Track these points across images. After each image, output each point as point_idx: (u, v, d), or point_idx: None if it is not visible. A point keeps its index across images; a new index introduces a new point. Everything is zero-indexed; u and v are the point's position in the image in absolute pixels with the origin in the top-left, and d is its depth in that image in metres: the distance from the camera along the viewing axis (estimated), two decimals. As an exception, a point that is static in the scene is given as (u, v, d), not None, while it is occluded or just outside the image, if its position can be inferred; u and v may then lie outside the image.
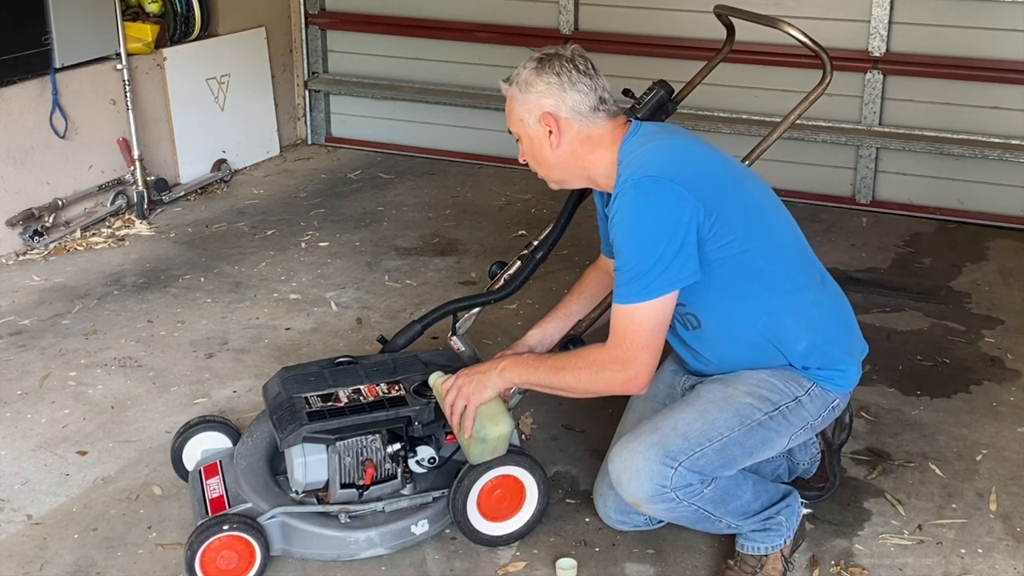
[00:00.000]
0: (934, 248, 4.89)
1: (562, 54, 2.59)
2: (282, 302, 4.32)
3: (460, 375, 2.69)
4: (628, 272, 2.45)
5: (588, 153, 2.59)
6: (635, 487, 2.50)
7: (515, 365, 2.64)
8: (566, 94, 2.55)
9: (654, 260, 2.42)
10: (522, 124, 2.60)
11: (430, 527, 2.80)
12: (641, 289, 2.43)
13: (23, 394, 3.60)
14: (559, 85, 2.55)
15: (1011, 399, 3.58)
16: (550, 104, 2.55)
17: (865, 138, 5.27)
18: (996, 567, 2.77)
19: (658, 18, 5.53)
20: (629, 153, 2.54)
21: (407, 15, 6.12)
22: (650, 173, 2.45)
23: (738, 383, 2.60)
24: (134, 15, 5.35)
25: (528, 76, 2.57)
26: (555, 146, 2.58)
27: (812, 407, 2.63)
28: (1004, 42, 4.99)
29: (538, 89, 2.55)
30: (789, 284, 2.61)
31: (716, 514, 2.56)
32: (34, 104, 4.83)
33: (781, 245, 2.63)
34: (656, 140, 2.57)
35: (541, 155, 2.62)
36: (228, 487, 2.81)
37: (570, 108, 2.56)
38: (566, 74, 2.55)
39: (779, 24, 3.08)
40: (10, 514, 2.98)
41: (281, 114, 6.28)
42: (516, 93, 2.60)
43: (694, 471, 2.48)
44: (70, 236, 4.94)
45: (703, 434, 2.51)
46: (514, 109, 2.61)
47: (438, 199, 5.54)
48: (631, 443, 2.52)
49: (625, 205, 2.46)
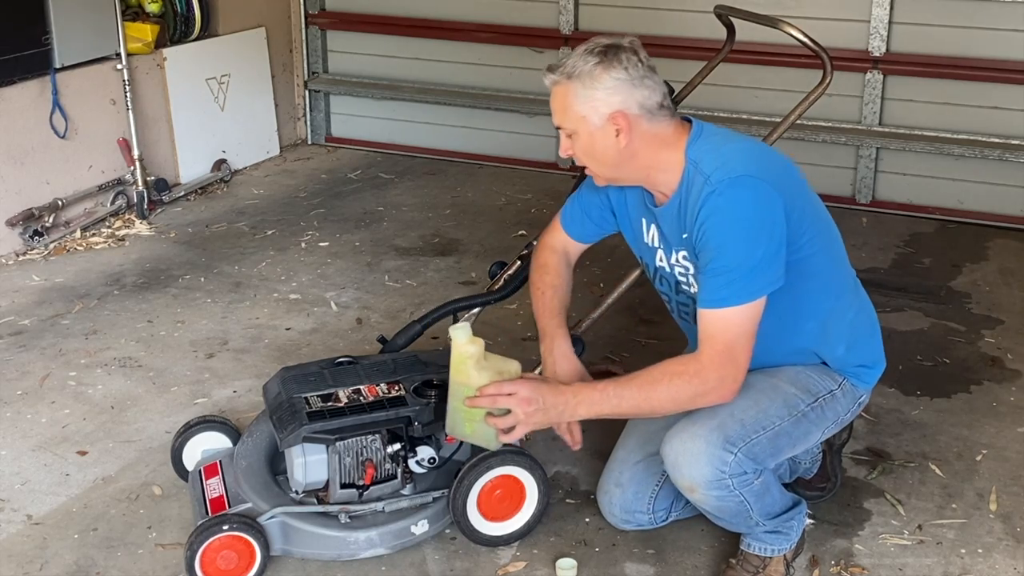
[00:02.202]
0: (934, 248, 4.89)
1: (625, 46, 2.42)
2: (282, 302, 4.32)
3: (532, 389, 2.49)
4: (728, 274, 2.36)
5: (655, 153, 2.46)
6: (695, 471, 2.46)
7: (591, 402, 2.47)
8: (636, 91, 2.40)
9: (755, 260, 2.36)
10: (583, 121, 2.43)
11: (430, 527, 2.80)
12: (742, 291, 2.36)
13: (23, 394, 3.61)
14: (628, 81, 2.39)
15: (1011, 399, 3.58)
16: (619, 101, 2.40)
17: (865, 138, 5.27)
18: (996, 567, 2.77)
19: (658, 18, 5.53)
20: (708, 153, 2.44)
21: (407, 15, 6.12)
22: (747, 173, 2.38)
23: (780, 374, 2.59)
24: (134, 15, 5.35)
25: (593, 70, 2.39)
26: (623, 145, 2.43)
27: (844, 402, 2.65)
28: (1004, 42, 4.99)
29: (606, 85, 2.39)
30: (838, 288, 2.63)
31: (754, 508, 2.54)
32: (34, 104, 4.83)
33: (836, 249, 2.64)
34: (735, 142, 2.49)
35: (604, 153, 2.46)
36: (228, 487, 2.81)
37: (639, 105, 2.41)
38: (634, 68, 2.40)
39: (779, 24, 3.08)
40: (10, 514, 2.98)
41: (281, 114, 6.28)
42: (577, 88, 2.41)
43: (750, 458, 2.46)
44: (70, 236, 4.94)
45: (757, 422, 2.49)
46: (573, 105, 2.42)
47: (438, 199, 5.54)
48: (690, 427, 2.47)
49: (724, 205, 2.36)
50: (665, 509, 2.81)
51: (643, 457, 2.78)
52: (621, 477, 2.81)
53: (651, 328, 4.05)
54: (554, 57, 5.81)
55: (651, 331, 4.03)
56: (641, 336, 4.00)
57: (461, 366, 2.55)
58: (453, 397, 2.59)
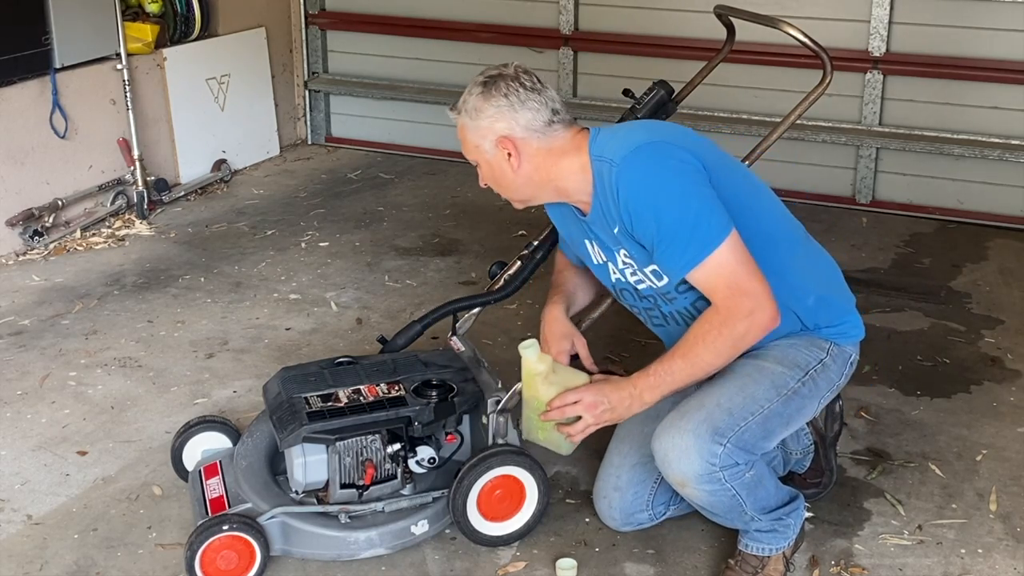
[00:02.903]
0: (934, 248, 4.89)
1: (505, 74, 2.54)
2: (282, 302, 4.32)
3: (595, 393, 2.57)
4: (680, 238, 2.40)
5: (553, 165, 2.55)
6: (685, 465, 2.47)
7: (650, 387, 2.53)
8: (517, 114, 2.51)
9: (696, 211, 2.40)
10: (478, 151, 2.57)
11: (430, 527, 2.80)
12: (704, 240, 2.40)
13: (23, 394, 3.61)
14: (509, 106, 2.50)
15: (1011, 399, 3.58)
16: (503, 127, 2.52)
17: (865, 138, 5.27)
18: (996, 567, 2.77)
19: (658, 18, 5.53)
20: (607, 142, 2.52)
21: (407, 15, 6.12)
22: (644, 141, 2.45)
23: (766, 354, 2.59)
24: (134, 15, 5.35)
25: (476, 102, 2.53)
26: (516, 168, 2.54)
27: (835, 367, 2.65)
28: (1004, 42, 4.99)
29: (488, 114, 2.52)
30: (785, 240, 2.63)
31: (747, 502, 2.54)
32: (34, 104, 4.83)
33: (768, 202, 2.65)
34: (628, 124, 2.57)
35: (503, 178, 2.59)
36: (228, 487, 2.81)
37: (524, 127, 2.52)
38: (514, 94, 2.51)
39: (779, 24, 3.09)
40: (10, 514, 2.98)
41: (281, 114, 6.28)
42: (467, 121, 2.56)
43: (740, 448, 2.47)
44: (70, 236, 4.94)
45: (745, 408, 2.50)
46: (467, 137, 2.58)
47: (438, 199, 5.54)
48: (678, 422, 2.49)
49: (637, 176, 2.42)
50: (664, 504, 2.81)
51: (639, 459, 2.78)
52: (619, 481, 2.81)
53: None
54: (554, 57, 5.82)
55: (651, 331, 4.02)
56: (641, 336, 4.00)
57: (531, 382, 2.63)
58: (527, 407, 2.68)
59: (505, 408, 2.81)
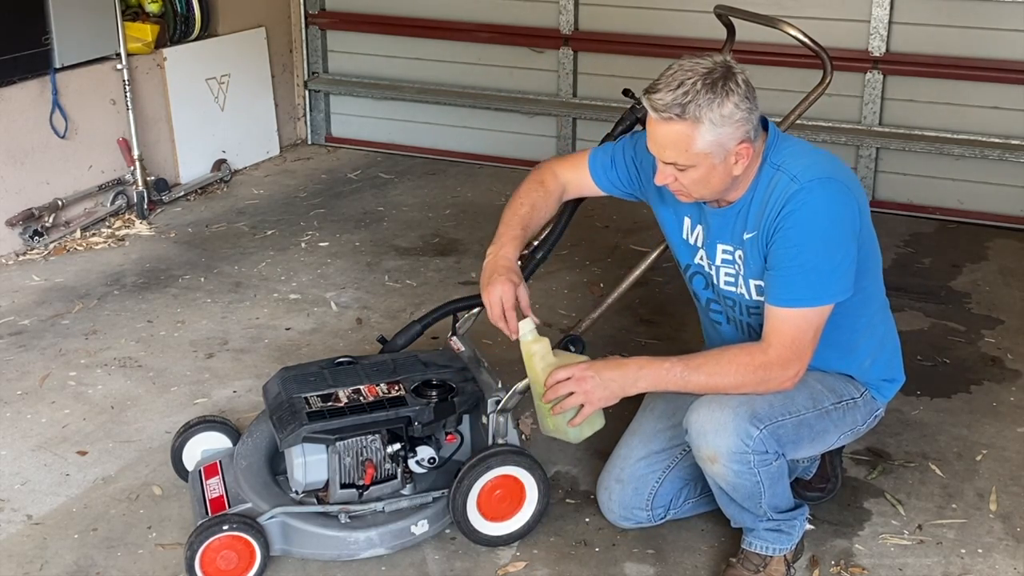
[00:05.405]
0: (934, 248, 4.89)
1: (734, 72, 2.39)
2: (282, 302, 4.32)
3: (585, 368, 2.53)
4: (808, 274, 2.41)
5: (752, 168, 2.50)
6: (720, 439, 2.47)
7: (655, 377, 2.51)
8: (752, 116, 2.41)
9: (835, 263, 2.42)
10: (706, 157, 2.39)
11: (430, 527, 2.80)
12: (819, 293, 2.42)
13: (23, 394, 3.61)
14: (748, 110, 2.39)
15: (1011, 399, 3.58)
16: (744, 133, 2.40)
17: (865, 138, 5.27)
18: (996, 567, 2.77)
19: (658, 18, 5.53)
20: (790, 157, 2.47)
21: (407, 15, 6.12)
22: (836, 177, 2.44)
23: (809, 374, 2.59)
24: (134, 15, 5.35)
25: (722, 107, 2.35)
26: (739, 171, 2.45)
27: (862, 411, 2.70)
28: (1004, 42, 4.99)
29: (735, 119, 2.37)
30: (877, 304, 2.70)
31: (766, 493, 2.55)
32: (34, 104, 4.83)
33: (878, 265, 2.68)
34: (814, 148, 2.54)
35: (713, 180, 2.45)
36: (228, 487, 2.81)
37: (755, 130, 2.44)
38: (748, 95, 2.39)
39: (779, 24, 3.09)
40: (10, 514, 2.98)
41: (281, 114, 6.28)
42: (707, 127, 2.35)
43: (773, 438, 2.49)
44: (70, 236, 4.94)
45: (784, 407, 2.53)
46: (695, 144, 2.37)
47: (438, 199, 5.54)
48: (717, 400, 2.50)
49: (813, 203, 2.40)
50: (664, 507, 2.82)
51: (646, 454, 2.80)
52: (622, 473, 2.82)
53: (651, 328, 4.05)
54: (554, 57, 5.82)
55: (651, 331, 4.04)
56: (641, 336, 4.01)
57: (529, 363, 2.63)
58: (535, 396, 2.66)
59: (505, 408, 2.80)
